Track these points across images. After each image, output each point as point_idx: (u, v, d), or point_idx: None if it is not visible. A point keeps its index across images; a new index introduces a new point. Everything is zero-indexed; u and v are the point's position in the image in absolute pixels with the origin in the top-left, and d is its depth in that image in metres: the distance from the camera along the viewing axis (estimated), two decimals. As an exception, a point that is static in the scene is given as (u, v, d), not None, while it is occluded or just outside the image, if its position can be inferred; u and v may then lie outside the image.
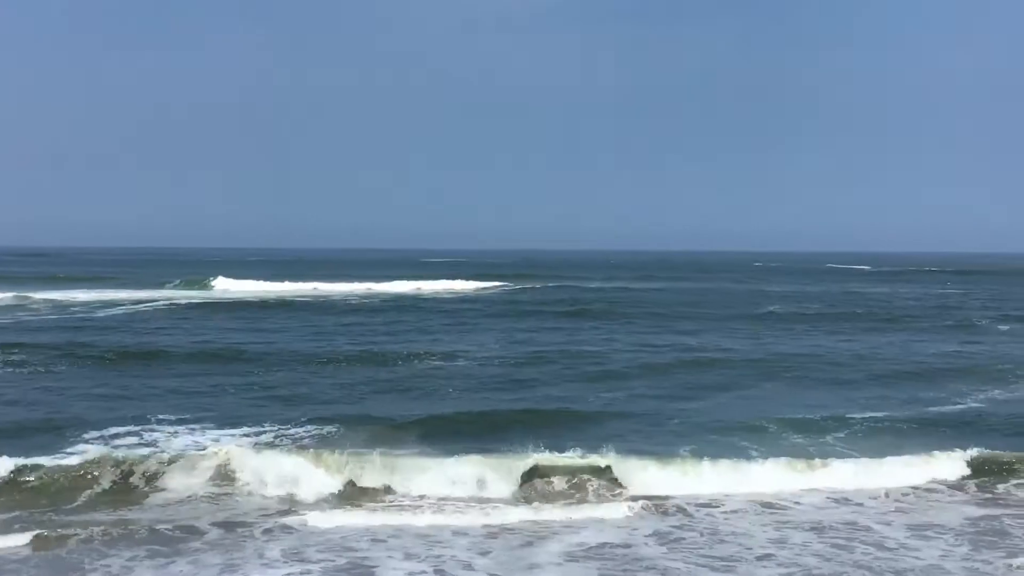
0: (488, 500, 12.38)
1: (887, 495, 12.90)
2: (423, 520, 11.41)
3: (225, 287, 61.17)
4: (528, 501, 12.39)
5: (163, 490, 12.43)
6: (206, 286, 61.39)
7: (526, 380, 21.14)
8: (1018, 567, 9.88)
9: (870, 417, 17.27)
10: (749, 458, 14.03)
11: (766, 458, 13.94)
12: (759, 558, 10.20)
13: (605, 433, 15.47)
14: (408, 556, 10.19)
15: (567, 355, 25.23)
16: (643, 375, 22.10)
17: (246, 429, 15.49)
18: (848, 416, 17.26)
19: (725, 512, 12.06)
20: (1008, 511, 12.17)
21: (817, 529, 11.28)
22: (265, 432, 15.32)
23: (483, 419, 16.64)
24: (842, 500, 12.67)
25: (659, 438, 15.51)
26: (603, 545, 10.60)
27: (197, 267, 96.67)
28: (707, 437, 15.49)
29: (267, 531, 10.91)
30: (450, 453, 13.62)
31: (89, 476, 12.47)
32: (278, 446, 14.30)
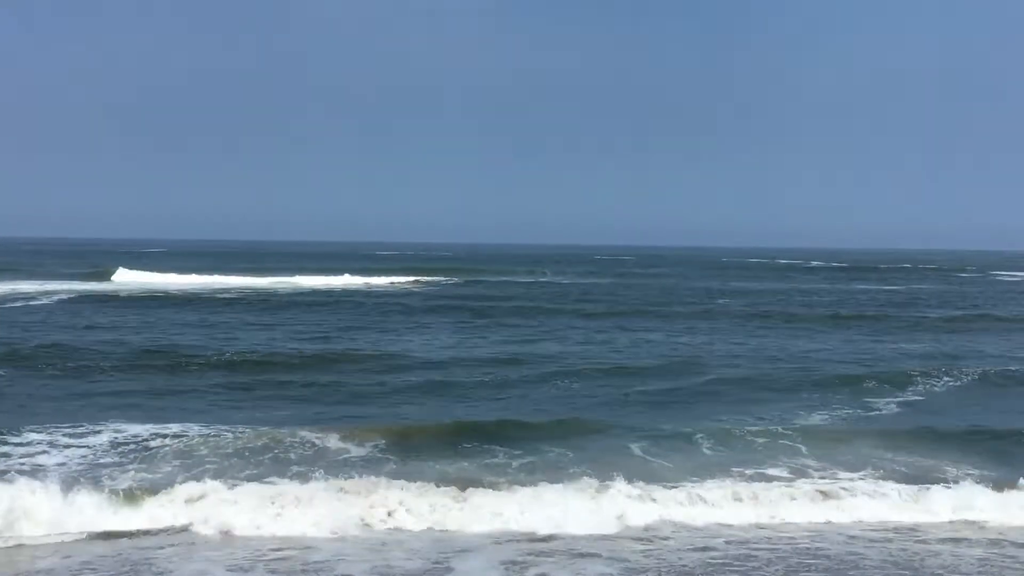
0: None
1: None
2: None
3: (126, 279, 61.03)
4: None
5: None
6: (105, 278, 61.13)
7: (456, 383, 21.40)
8: None
9: (819, 425, 17.71)
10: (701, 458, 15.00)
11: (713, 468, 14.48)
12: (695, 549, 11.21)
13: (557, 442, 15.71)
14: (341, 539, 11.23)
15: (513, 355, 25.64)
16: (596, 376, 22.48)
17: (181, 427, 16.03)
18: (800, 422, 17.72)
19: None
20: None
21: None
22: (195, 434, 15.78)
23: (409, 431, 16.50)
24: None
25: (610, 440, 15.96)
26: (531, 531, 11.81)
27: (98, 257, 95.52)
28: (662, 440, 15.95)
29: (189, 533, 11.47)
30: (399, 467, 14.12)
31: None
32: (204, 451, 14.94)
